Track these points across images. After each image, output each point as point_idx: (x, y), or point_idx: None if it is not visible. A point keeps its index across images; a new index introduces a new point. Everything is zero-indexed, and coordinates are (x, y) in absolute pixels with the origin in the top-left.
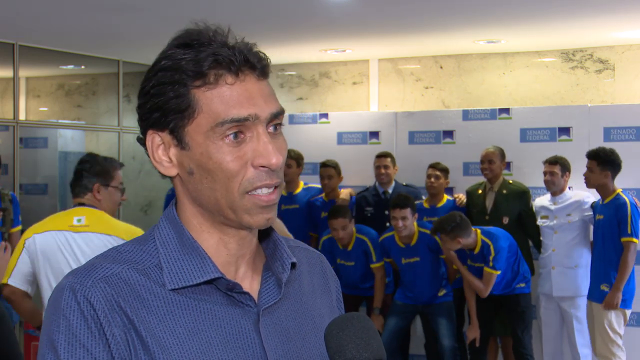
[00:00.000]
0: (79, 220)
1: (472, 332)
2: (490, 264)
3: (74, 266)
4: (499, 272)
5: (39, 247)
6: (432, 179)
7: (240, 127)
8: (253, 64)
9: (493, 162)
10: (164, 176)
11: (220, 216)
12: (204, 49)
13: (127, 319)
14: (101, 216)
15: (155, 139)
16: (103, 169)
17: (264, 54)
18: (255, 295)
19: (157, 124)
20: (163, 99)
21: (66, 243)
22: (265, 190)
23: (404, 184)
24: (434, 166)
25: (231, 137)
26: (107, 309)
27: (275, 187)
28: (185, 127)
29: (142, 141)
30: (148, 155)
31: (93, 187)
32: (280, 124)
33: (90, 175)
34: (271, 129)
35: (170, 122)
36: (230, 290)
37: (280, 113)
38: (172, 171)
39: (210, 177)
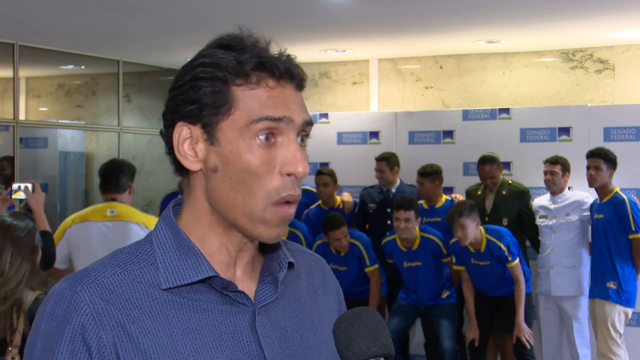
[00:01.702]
0: (112, 212)
1: (471, 332)
2: (509, 258)
3: (107, 252)
4: (517, 260)
5: (78, 235)
6: (418, 187)
7: (273, 128)
8: (293, 75)
9: (494, 177)
10: (177, 173)
11: (232, 221)
12: (248, 52)
13: (117, 322)
14: (130, 209)
15: (183, 131)
16: (133, 173)
17: (302, 70)
18: (252, 294)
19: (189, 117)
20: (200, 93)
21: (100, 232)
22: (287, 204)
23: (409, 184)
24: (420, 173)
25: (263, 138)
26: (95, 314)
27: (294, 203)
28: (219, 123)
29: (163, 134)
30: (169, 148)
31: (130, 186)
32: (307, 136)
33: (128, 177)
34: (299, 139)
35: (205, 116)
36: (225, 289)
37: (311, 123)
38: (196, 166)
39: (235, 177)
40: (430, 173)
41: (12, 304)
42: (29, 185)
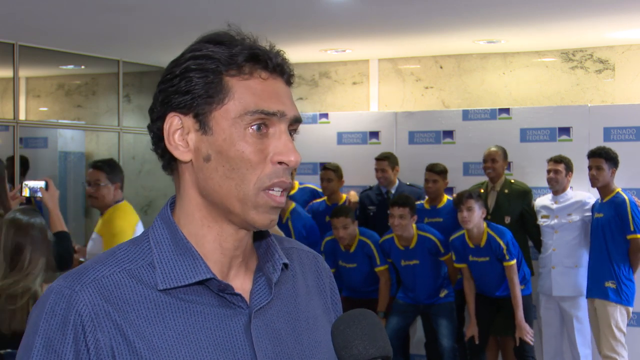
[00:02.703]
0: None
1: (470, 330)
2: (507, 257)
3: None
4: (514, 261)
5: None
6: (430, 184)
7: (266, 120)
8: (283, 69)
9: (496, 161)
10: (165, 168)
11: (225, 209)
12: (238, 46)
13: (114, 323)
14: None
15: (174, 121)
16: None
17: (291, 65)
18: (246, 296)
19: (181, 107)
20: (193, 84)
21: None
22: (278, 191)
23: (408, 183)
24: (430, 169)
25: (255, 128)
26: (93, 314)
27: (284, 190)
28: (212, 112)
29: (151, 128)
30: (157, 142)
31: None
32: (295, 131)
33: None
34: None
35: (197, 106)
36: (221, 291)
37: (300, 120)
38: (187, 156)
39: (228, 165)
40: (444, 170)
41: (29, 298)
42: (42, 184)
